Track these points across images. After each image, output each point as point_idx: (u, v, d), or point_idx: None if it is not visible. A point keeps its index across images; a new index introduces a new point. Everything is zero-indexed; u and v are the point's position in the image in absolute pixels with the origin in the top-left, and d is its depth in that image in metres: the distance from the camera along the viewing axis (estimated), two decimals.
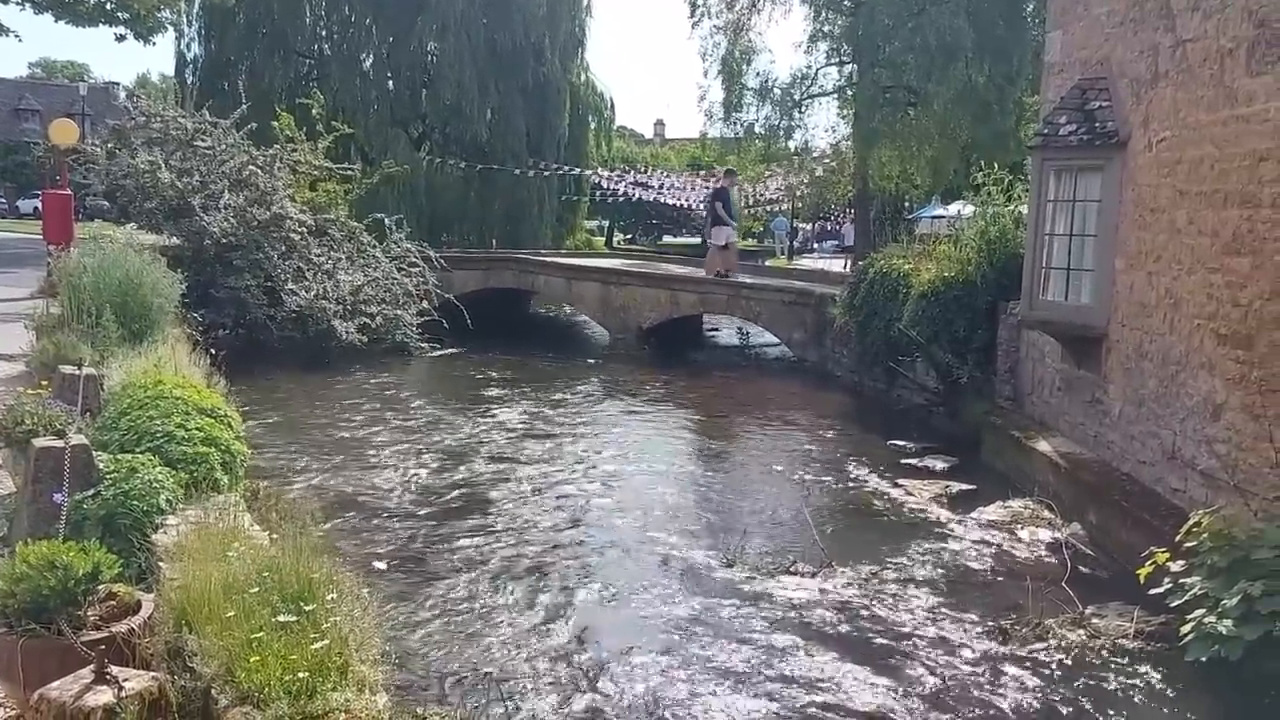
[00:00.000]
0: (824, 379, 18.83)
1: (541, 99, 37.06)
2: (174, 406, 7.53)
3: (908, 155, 32.56)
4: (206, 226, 17.39)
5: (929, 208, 42.35)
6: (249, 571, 5.07)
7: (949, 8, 28.21)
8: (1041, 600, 7.99)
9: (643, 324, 22.09)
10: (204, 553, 5.52)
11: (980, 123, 30.43)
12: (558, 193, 38.43)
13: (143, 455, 6.78)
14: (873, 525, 10.11)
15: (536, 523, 9.87)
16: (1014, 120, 30.86)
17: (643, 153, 57.19)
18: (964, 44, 27.94)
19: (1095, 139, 10.26)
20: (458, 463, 12.13)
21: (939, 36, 27.95)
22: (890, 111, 31.42)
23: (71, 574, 4.29)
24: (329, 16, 36.81)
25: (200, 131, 19.02)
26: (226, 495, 6.97)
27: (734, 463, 13.09)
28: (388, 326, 19.51)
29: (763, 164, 35.69)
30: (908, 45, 28.83)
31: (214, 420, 7.57)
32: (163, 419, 7.31)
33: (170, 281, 12.20)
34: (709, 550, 9.08)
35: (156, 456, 6.78)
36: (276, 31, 35.47)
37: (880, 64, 30.37)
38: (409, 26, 35.02)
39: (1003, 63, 29.41)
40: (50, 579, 4.22)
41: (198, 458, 6.96)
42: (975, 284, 13.86)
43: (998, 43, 29.00)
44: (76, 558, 4.38)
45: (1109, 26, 10.60)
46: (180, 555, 5.63)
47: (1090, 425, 10.69)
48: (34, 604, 4.25)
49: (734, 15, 33.29)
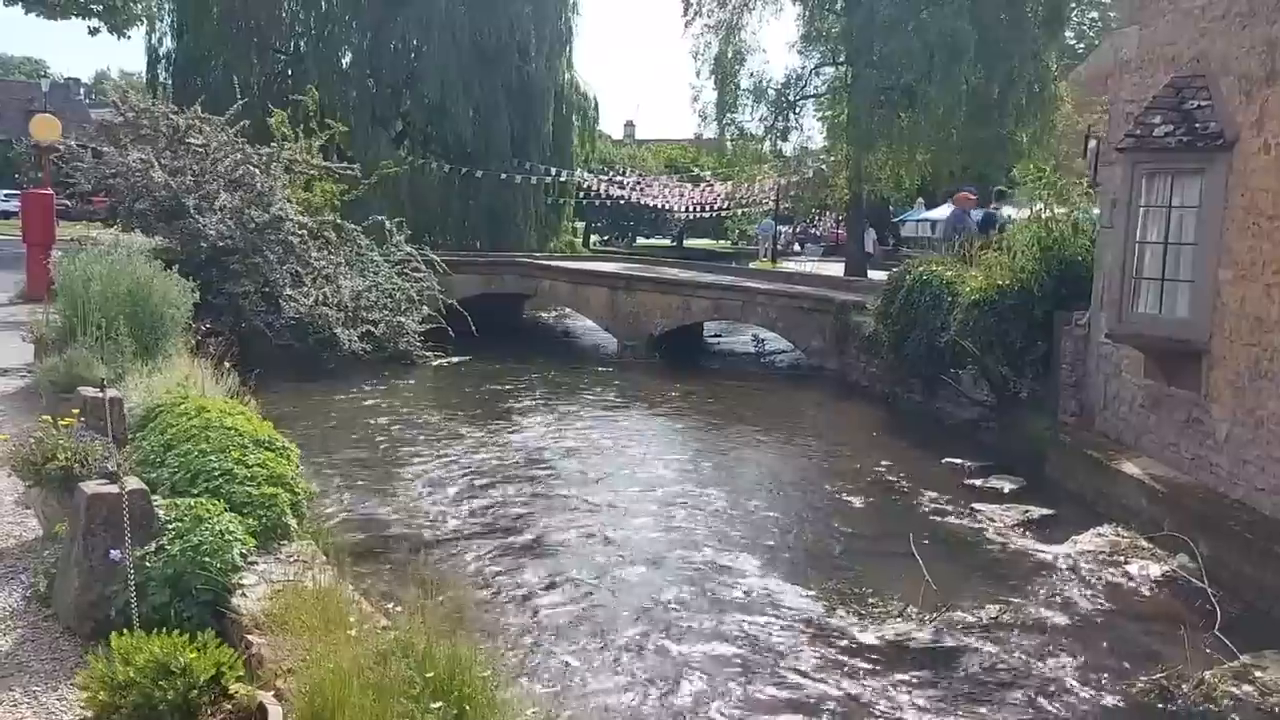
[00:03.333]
0: (848, 389, 18.10)
1: (526, 99, 36.11)
2: (228, 438, 6.61)
3: (901, 157, 31.99)
4: (202, 229, 16.32)
5: (915, 211, 41.91)
6: (375, 653, 4.21)
7: (951, 8, 27.66)
8: (1175, 644, 7.31)
9: (653, 331, 21.26)
10: (302, 624, 4.65)
11: (979, 125, 29.93)
12: (543, 194, 37.50)
13: (203, 499, 5.87)
14: (964, 558, 9.36)
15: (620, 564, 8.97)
16: (1014, 122, 30.40)
17: (620, 153, 56.30)
18: (966, 45, 27.41)
19: (1197, 140, 9.57)
20: (499, 488, 11.26)
21: (941, 37, 27.39)
22: (886, 113, 30.83)
23: (192, 680, 3.40)
24: (307, 12, 35.61)
25: (192, 128, 17.94)
26: (300, 543, 6.07)
27: (789, 484, 12.23)
28: (390, 334, 18.50)
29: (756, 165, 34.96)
30: (907, 45, 28.21)
31: (274, 454, 6.65)
32: (218, 454, 6.39)
33: (182, 290, 11.22)
34: (805, 591, 8.28)
35: (219, 500, 5.86)
36: (252, 27, 34.26)
37: (877, 64, 29.74)
38: (390, 23, 33.99)
39: (1003, 64, 28.92)
40: (167, 689, 3.33)
41: (265, 501, 6.04)
42: (1032, 292, 13.18)
43: (998, 44, 28.50)
44: (196, 660, 3.49)
45: (1205, 21, 9.93)
46: (273, 626, 4.75)
47: (1186, 446, 10.00)
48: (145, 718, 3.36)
49: (726, 14, 32.63)
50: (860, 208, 34.34)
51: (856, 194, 33.22)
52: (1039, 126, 31.08)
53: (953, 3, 27.66)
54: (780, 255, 45.67)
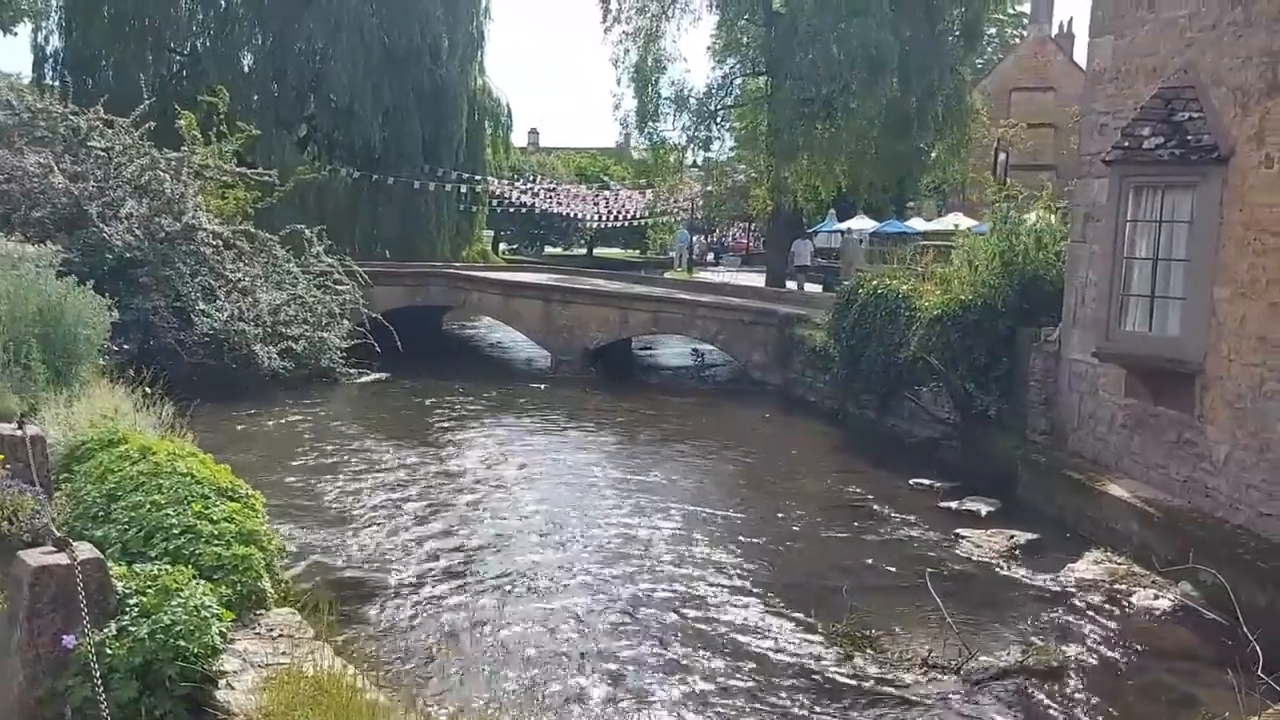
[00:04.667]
0: (795, 404, 17.63)
1: (438, 103, 35.05)
2: (184, 487, 5.72)
3: (819, 169, 31.84)
4: (107, 239, 15.05)
5: (828, 222, 42.00)
6: None
7: (875, 19, 27.54)
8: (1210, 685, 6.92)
9: (589, 345, 20.50)
10: None
11: (898, 137, 29.94)
12: (455, 202, 36.45)
13: (163, 563, 4.97)
14: (963, 592, 8.81)
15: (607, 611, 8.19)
16: (933, 134, 30.52)
17: (529, 161, 55.34)
18: (890, 57, 27.32)
19: (1190, 153, 9.28)
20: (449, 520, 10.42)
21: (864, 48, 27.25)
22: (806, 124, 30.62)
23: None
24: (206, 11, 33.98)
25: (94, 130, 16.59)
26: (280, 612, 5.21)
27: (758, 510, 11.47)
28: (312, 351, 17.38)
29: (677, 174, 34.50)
30: (830, 56, 28.00)
31: (238, 504, 5.76)
32: (175, 507, 5.50)
33: (98, 308, 10.12)
34: (811, 635, 7.66)
35: (184, 565, 4.97)
36: (147, 26, 32.49)
37: (798, 75, 29.50)
38: (295, 24, 32.66)
39: (923, 76, 28.95)
40: None
41: (238, 564, 5.18)
42: (995, 307, 12.88)
43: (919, 56, 28.53)
44: None
45: (1193, 30, 9.67)
46: None
47: (1176, 469, 9.70)
48: None
49: (645, 21, 32.05)
50: (780, 219, 34.10)
51: (778, 205, 32.97)
52: (956, 139, 31.30)
53: (875, 14, 27.54)
54: (695, 265, 45.40)
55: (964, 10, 30.60)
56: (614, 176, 56.11)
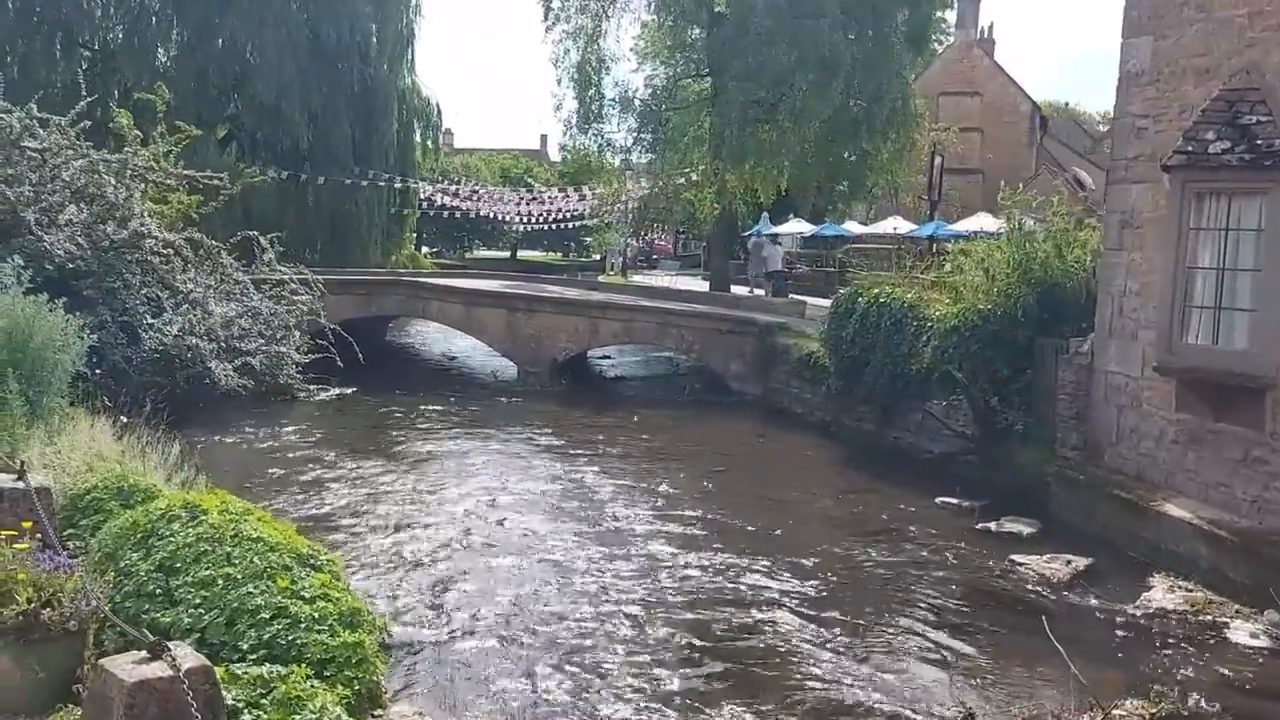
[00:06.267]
0: (780, 416, 16.97)
1: (368, 103, 33.90)
2: (257, 555, 4.73)
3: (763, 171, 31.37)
4: (48, 248, 13.66)
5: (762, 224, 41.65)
6: None
7: (826, 21, 27.14)
8: None
9: (558, 356, 19.59)
10: None
11: (844, 141, 29.66)
12: (385, 205, 35.18)
13: (261, 659, 4.03)
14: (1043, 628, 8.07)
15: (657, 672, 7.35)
16: (880, 138, 30.26)
17: (454, 163, 53.94)
18: (841, 59, 26.94)
19: (1262, 159, 8.85)
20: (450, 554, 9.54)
21: (817, 50, 26.82)
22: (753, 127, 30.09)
23: None
24: (119, 4, 32.11)
25: (28, 130, 15.11)
26: (398, 709, 4.30)
27: (790, 537, 10.54)
28: (270, 366, 16.12)
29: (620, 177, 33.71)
30: (781, 58, 27.51)
31: (325, 574, 4.82)
32: (255, 582, 4.53)
33: (72, 331, 8.99)
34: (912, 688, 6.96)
35: (290, 661, 4.03)
36: (55, 19, 30.68)
37: (747, 78, 28.94)
38: (216, 18, 31.21)
39: (870, 80, 28.65)
40: None
41: (349, 655, 4.24)
42: (1014, 317, 12.40)
43: (866, 60, 28.21)
44: None
45: (1255, 30, 9.26)
46: None
47: (1243, 488, 9.26)
48: None
49: (587, 20, 31.19)
50: (723, 222, 33.54)
51: (725, 208, 32.43)
52: (901, 143, 31.11)
53: (826, 17, 27.15)
54: (629, 269, 44.66)
55: (909, 14, 30.45)
56: (537, 179, 55.12)
